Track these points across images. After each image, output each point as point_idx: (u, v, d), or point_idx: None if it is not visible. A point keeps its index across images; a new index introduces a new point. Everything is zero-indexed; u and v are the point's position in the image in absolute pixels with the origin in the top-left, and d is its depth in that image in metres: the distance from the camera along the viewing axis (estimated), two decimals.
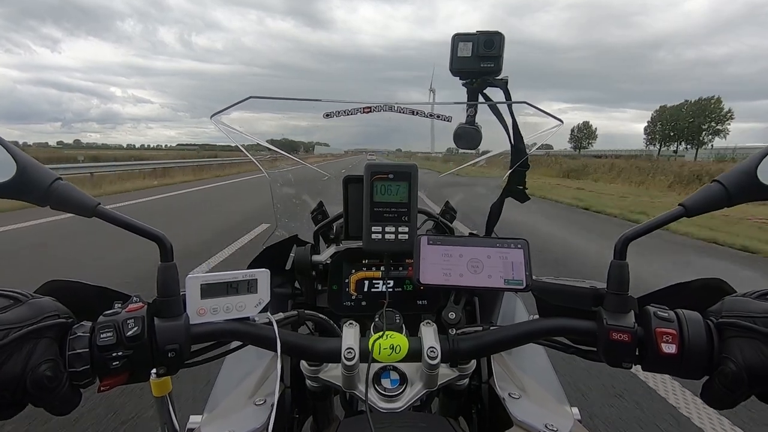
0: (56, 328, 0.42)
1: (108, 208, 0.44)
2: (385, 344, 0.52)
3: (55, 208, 0.42)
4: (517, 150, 0.77)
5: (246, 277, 0.50)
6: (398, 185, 0.63)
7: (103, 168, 13.90)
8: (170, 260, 0.46)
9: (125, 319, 0.43)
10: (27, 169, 0.41)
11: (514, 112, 0.74)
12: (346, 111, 0.64)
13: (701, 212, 0.46)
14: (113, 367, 0.42)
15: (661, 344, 0.45)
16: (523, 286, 0.52)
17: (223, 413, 0.63)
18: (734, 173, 0.45)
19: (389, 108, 0.64)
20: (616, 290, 0.48)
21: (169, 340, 0.45)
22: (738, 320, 0.43)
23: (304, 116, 0.72)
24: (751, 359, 0.42)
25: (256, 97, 0.64)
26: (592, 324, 0.50)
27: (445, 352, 0.51)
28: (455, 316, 0.54)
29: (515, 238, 0.55)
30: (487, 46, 0.70)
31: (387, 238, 0.63)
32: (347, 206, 0.72)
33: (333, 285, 0.72)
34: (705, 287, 0.51)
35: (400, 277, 0.72)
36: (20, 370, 0.39)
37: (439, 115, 0.65)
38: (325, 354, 0.52)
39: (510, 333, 0.53)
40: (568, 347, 0.54)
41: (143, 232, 0.45)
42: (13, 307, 0.40)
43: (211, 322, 0.49)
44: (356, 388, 0.54)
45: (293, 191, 0.85)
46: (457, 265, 0.54)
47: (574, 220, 7.80)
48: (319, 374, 0.59)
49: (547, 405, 0.64)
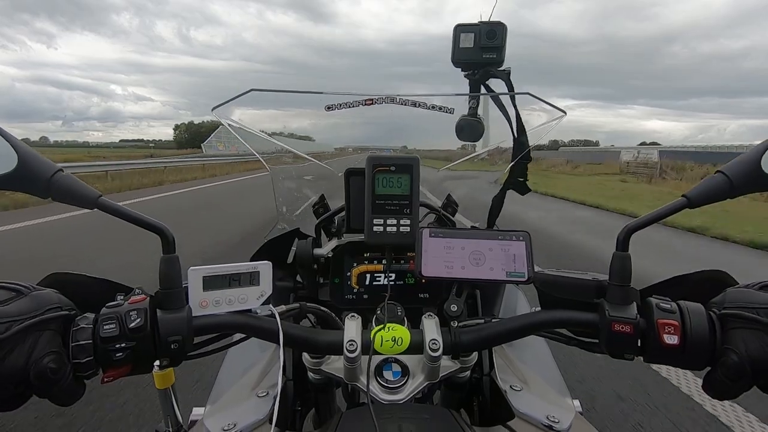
0: (59, 320, 0.42)
1: (110, 200, 0.44)
2: (387, 336, 0.52)
3: (57, 199, 0.42)
4: (519, 142, 0.76)
5: (248, 269, 0.50)
6: (400, 177, 0.63)
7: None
8: (172, 252, 0.46)
9: (128, 311, 0.43)
10: (28, 161, 0.41)
11: (517, 104, 0.73)
12: (348, 103, 0.63)
13: (704, 203, 0.46)
14: (116, 359, 0.43)
15: (663, 335, 0.45)
16: (525, 279, 0.52)
17: (225, 405, 0.64)
18: (737, 164, 0.45)
19: (391, 100, 0.63)
20: (619, 282, 0.48)
21: (171, 331, 0.45)
22: (741, 311, 0.43)
23: (305, 111, 0.72)
24: (753, 350, 0.42)
25: (258, 89, 0.63)
26: (594, 316, 0.49)
27: (446, 344, 0.51)
28: (457, 308, 0.54)
29: (517, 230, 0.55)
30: (489, 36, 0.70)
31: (389, 231, 0.63)
32: (349, 199, 0.71)
33: (335, 278, 0.72)
34: (707, 279, 0.51)
35: (401, 270, 0.72)
36: (23, 363, 0.39)
37: (441, 107, 0.65)
38: (327, 346, 0.52)
39: (512, 325, 0.53)
40: (570, 339, 0.54)
41: (145, 224, 0.45)
42: (16, 299, 0.41)
43: (214, 314, 0.49)
44: (358, 380, 0.54)
45: (295, 185, 0.84)
46: (459, 257, 0.54)
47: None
48: (321, 366, 0.60)
49: (548, 397, 0.64)
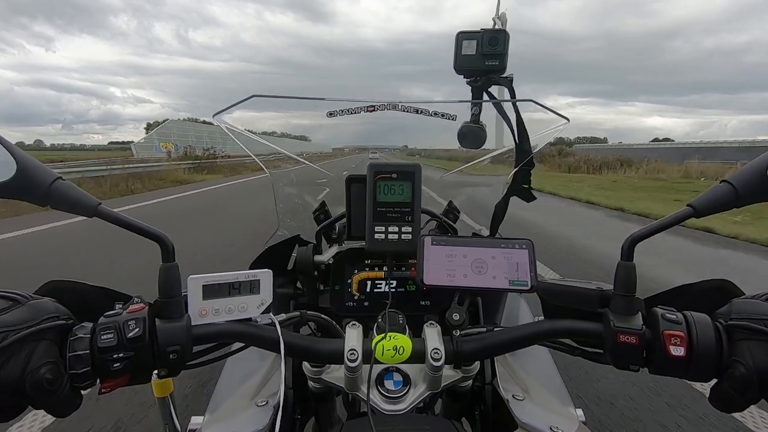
0: (56, 330, 0.41)
1: (109, 208, 0.43)
2: (388, 345, 0.51)
3: (56, 207, 0.42)
4: (521, 149, 0.76)
5: (248, 277, 0.49)
6: (402, 185, 0.62)
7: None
8: (172, 261, 0.45)
9: (126, 321, 0.43)
10: (27, 169, 0.40)
11: (520, 111, 0.73)
12: (350, 110, 0.63)
13: (710, 213, 0.45)
14: (114, 369, 0.42)
15: (669, 347, 0.44)
16: (528, 287, 0.52)
17: (224, 414, 0.63)
18: (743, 173, 0.44)
19: (393, 107, 0.63)
20: (623, 292, 0.47)
21: (170, 341, 0.44)
22: (748, 322, 0.43)
23: (306, 114, 0.71)
24: (761, 362, 0.41)
25: (260, 95, 0.63)
26: (599, 326, 0.49)
27: (448, 353, 0.51)
28: (459, 317, 0.53)
29: (520, 238, 0.54)
30: (491, 43, 0.70)
31: (390, 239, 0.62)
32: (350, 206, 0.71)
33: (335, 285, 0.72)
34: (712, 289, 0.51)
35: (402, 277, 0.71)
36: (19, 373, 0.38)
37: (443, 114, 0.65)
38: (328, 355, 0.52)
39: (515, 334, 0.52)
40: (574, 349, 0.53)
41: (144, 232, 0.45)
42: (13, 308, 0.40)
43: (213, 323, 0.48)
44: (359, 389, 0.54)
45: (295, 191, 0.84)
46: (461, 265, 0.53)
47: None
48: (322, 375, 0.59)
49: (551, 407, 0.64)
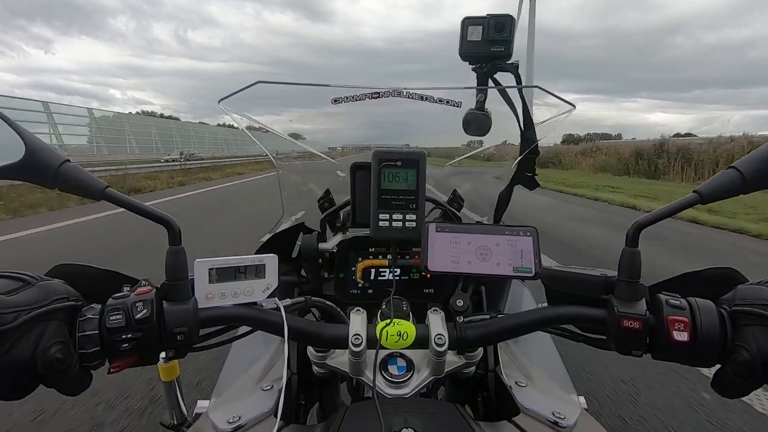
0: (66, 311, 0.42)
1: (116, 192, 0.44)
2: (392, 331, 0.51)
3: (64, 190, 0.42)
4: (526, 136, 0.75)
5: (254, 262, 0.50)
6: (406, 172, 0.62)
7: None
8: (179, 244, 0.46)
9: (134, 302, 0.43)
10: (36, 151, 0.41)
11: (525, 97, 0.73)
12: (354, 96, 0.63)
13: (716, 199, 0.45)
14: (123, 350, 0.43)
15: (672, 332, 0.44)
16: (533, 274, 0.52)
17: (230, 398, 0.64)
18: (751, 160, 0.44)
19: (398, 93, 0.63)
20: (628, 278, 0.47)
21: (177, 323, 0.45)
22: (752, 308, 0.43)
23: (311, 108, 0.71)
24: (765, 347, 0.41)
25: (264, 81, 0.63)
26: (603, 312, 0.49)
27: (452, 339, 0.51)
28: (463, 303, 0.53)
29: (524, 225, 0.54)
30: (497, 29, 0.69)
31: (394, 226, 0.63)
32: (354, 194, 0.71)
33: (339, 273, 0.72)
34: (717, 276, 0.51)
35: (406, 265, 0.72)
36: (30, 352, 0.39)
37: (448, 101, 0.64)
38: (333, 340, 0.52)
39: (519, 320, 0.52)
40: (577, 335, 0.54)
41: (151, 215, 0.45)
42: (23, 289, 0.41)
43: (220, 307, 0.49)
44: (363, 374, 0.54)
45: (300, 179, 0.84)
46: (465, 252, 0.53)
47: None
48: (326, 360, 0.59)
49: (553, 393, 0.64)
